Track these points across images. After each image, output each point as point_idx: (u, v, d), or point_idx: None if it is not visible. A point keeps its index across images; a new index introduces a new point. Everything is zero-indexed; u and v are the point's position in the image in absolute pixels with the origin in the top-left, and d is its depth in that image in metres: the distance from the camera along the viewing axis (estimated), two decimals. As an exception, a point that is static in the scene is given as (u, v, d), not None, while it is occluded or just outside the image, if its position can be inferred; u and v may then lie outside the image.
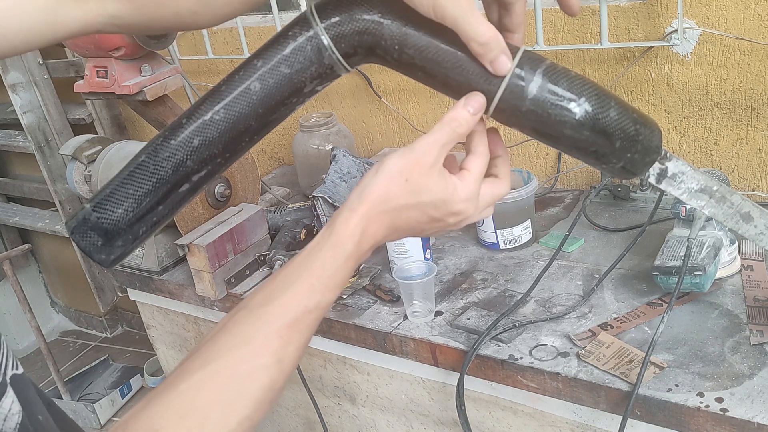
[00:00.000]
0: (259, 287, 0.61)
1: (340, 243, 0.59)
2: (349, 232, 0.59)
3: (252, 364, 0.56)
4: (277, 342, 0.57)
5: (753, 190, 1.34)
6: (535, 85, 0.57)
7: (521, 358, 1.04)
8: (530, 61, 0.58)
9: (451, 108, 0.59)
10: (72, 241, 0.89)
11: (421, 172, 0.59)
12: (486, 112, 0.60)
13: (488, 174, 0.64)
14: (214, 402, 0.54)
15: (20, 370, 0.55)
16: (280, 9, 1.71)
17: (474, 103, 0.58)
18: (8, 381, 0.52)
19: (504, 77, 0.57)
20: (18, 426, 0.50)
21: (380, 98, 1.75)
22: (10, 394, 0.51)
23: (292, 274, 0.59)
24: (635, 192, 1.39)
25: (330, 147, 1.61)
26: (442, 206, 0.60)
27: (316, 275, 0.58)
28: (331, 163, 1.49)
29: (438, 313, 1.19)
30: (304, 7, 0.61)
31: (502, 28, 0.61)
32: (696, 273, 1.01)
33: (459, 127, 0.59)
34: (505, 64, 0.57)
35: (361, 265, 1.33)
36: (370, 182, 0.60)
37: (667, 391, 0.92)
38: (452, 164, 0.62)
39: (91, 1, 0.58)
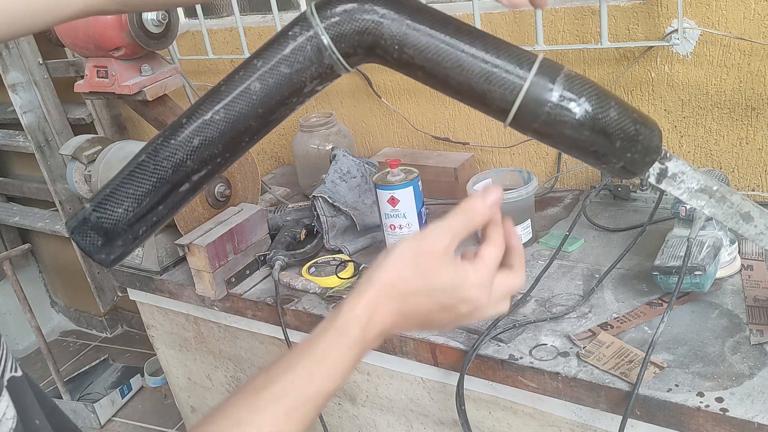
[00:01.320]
0: (264, 367, 0.59)
1: (344, 328, 0.56)
2: (355, 316, 0.57)
3: None
4: (271, 430, 0.54)
5: (753, 190, 1.34)
6: (555, 93, 0.57)
7: (521, 358, 1.04)
8: (548, 69, 0.58)
9: (469, 197, 0.59)
10: (72, 241, 0.89)
11: (431, 257, 0.57)
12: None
13: (502, 264, 0.62)
14: None
15: (19, 373, 0.55)
16: (280, 9, 1.71)
17: (493, 196, 0.58)
18: (5, 384, 0.51)
19: (522, 86, 0.57)
20: (11, 431, 0.50)
21: (380, 98, 1.75)
22: (5, 398, 0.50)
23: (294, 358, 0.57)
24: (635, 192, 1.39)
25: (330, 147, 1.61)
26: (452, 292, 0.58)
27: (317, 360, 0.56)
28: (331, 163, 1.49)
29: (438, 313, 1.18)
30: (304, 7, 0.61)
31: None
32: (696, 273, 1.01)
33: (475, 216, 0.58)
34: None
35: (361, 265, 1.33)
36: (379, 265, 0.58)
37: (667, 391, 0.92)
38: (467, 253, 0.61)
39: None
